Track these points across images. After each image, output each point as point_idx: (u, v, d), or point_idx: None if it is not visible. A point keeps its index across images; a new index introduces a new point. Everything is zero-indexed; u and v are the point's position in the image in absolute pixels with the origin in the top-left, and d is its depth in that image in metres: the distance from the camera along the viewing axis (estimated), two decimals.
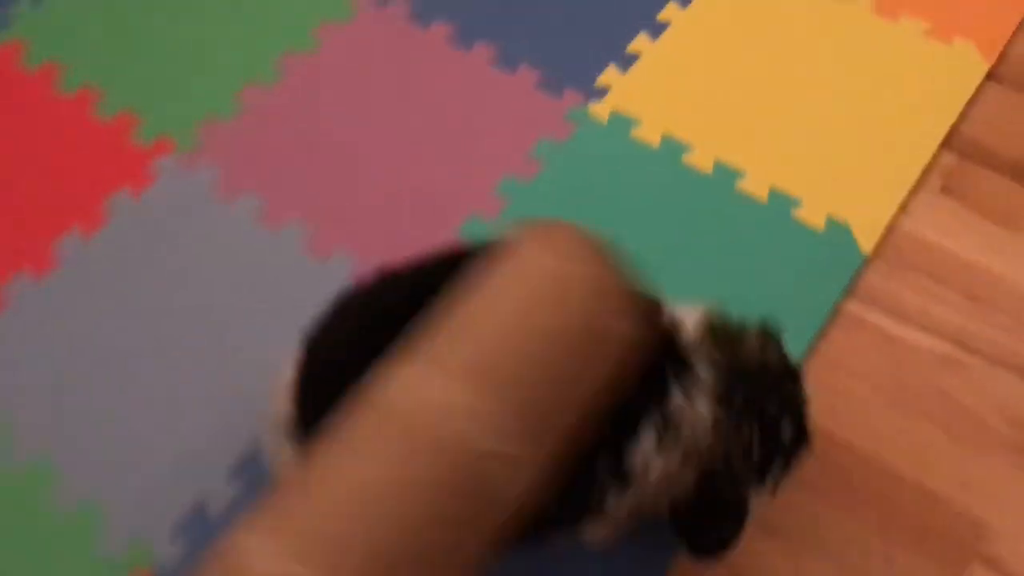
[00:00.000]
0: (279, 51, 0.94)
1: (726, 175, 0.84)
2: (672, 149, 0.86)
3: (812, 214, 0.82)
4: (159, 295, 0.79)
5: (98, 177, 0.86)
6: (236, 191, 0.85)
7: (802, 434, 0.57)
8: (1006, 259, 0.80)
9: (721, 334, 0.54)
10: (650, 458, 0.50)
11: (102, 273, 0.80)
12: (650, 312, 0.51)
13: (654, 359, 0.51)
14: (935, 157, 0.85)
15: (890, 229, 0.81)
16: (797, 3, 0.96)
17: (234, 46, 0.94)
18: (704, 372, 0.52)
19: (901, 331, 0.76)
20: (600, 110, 0.89)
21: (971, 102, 0.88)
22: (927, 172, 0.84)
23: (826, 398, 0.73)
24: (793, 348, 0.75)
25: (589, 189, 0.84)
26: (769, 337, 0.57)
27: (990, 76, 0.90)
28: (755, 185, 0.84)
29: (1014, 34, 0.93)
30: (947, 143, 0.86)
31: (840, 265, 0.79)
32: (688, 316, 0.55)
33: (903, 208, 0.83)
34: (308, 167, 0.86)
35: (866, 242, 0.80)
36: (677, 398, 0.51)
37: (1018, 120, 0.87)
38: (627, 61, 0.92)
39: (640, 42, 0.94)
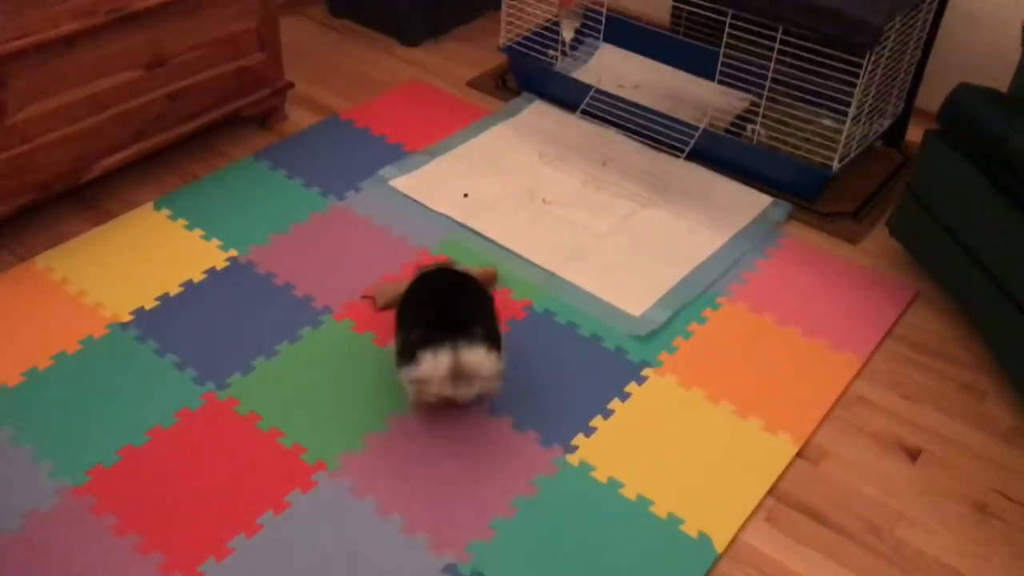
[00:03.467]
0: None
1: (645, 507, 1.49)
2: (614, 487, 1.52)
3: (691, 529, 1.46)
4: None
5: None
6: None
7: None
8: (806, 566, 1.43)
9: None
10: None
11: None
12: None
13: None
14: (762, 500, 1.51)
15: (734, 540, 1.45)
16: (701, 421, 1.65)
17: None
18: None
19: None
20: None
21: (787, 469, 1.55)
22: (757, 509, 1.50)
23: None
24: None
25: None
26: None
27: (799, 455, 1.58)
28: (662, 511, 1.49)
29: (815, 429, 1.62)
30: (770, 493, 1.52)
31: (702, 559, 1.42)
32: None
33: (742, 528, 1.47)
34: None
35: (720, 546, 1.43)
36: None
37: (813, 480, 1.54)
38: None
39: None
